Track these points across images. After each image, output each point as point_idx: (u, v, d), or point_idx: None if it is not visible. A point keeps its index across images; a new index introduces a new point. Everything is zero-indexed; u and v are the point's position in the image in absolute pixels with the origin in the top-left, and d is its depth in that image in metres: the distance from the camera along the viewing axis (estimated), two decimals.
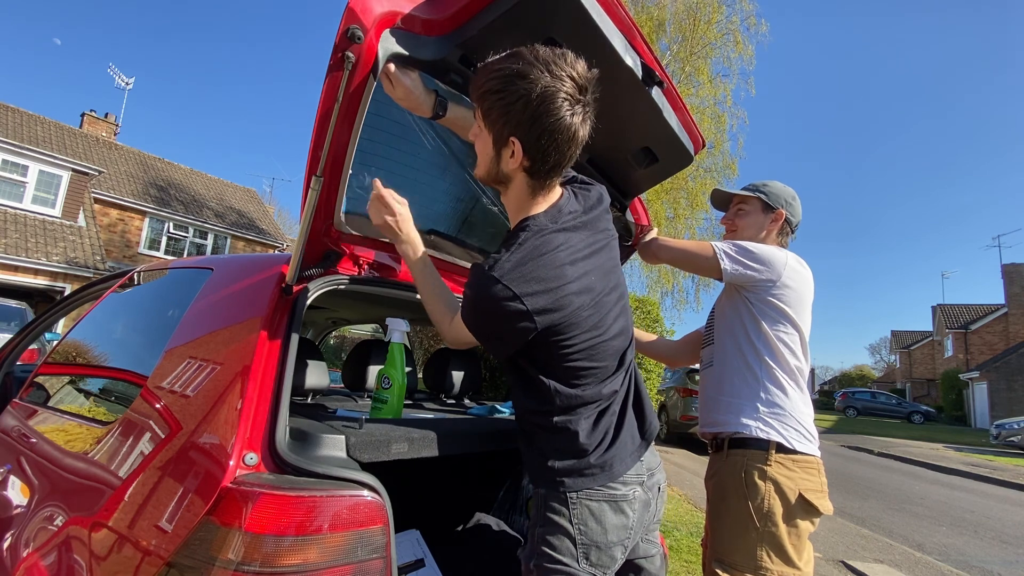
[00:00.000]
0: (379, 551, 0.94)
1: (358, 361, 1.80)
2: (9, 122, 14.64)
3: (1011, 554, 4.82)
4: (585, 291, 1.03)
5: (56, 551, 1.08)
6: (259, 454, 0.92)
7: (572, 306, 1.00)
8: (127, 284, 1.86)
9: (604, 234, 1.13)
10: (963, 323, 29.59)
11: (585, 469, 1.04)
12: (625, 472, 1.08)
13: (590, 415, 1.07)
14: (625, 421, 1.12)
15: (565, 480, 1.03)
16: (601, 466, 1.05)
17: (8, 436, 1.68)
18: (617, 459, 1.07)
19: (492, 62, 0.95)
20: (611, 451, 1.07)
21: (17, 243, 12.41)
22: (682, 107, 1.45)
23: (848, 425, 22.36)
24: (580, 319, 1.02)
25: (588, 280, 1.04)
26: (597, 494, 1.04)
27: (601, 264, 1.09)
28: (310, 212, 1.05)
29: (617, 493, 1.06)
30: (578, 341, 1.03)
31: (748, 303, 1.48)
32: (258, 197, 22.60)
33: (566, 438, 1.05)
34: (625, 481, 1.07)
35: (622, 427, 1.11)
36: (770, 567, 1.32)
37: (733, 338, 1.51)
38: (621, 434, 1.10)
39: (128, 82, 22.17)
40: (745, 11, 11.24)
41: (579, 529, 1.01)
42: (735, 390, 1.46)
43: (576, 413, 1.05)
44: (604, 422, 1.08)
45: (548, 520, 1.03)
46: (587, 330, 1.03)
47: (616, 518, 1.05)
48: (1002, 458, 12.87)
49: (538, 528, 1.04)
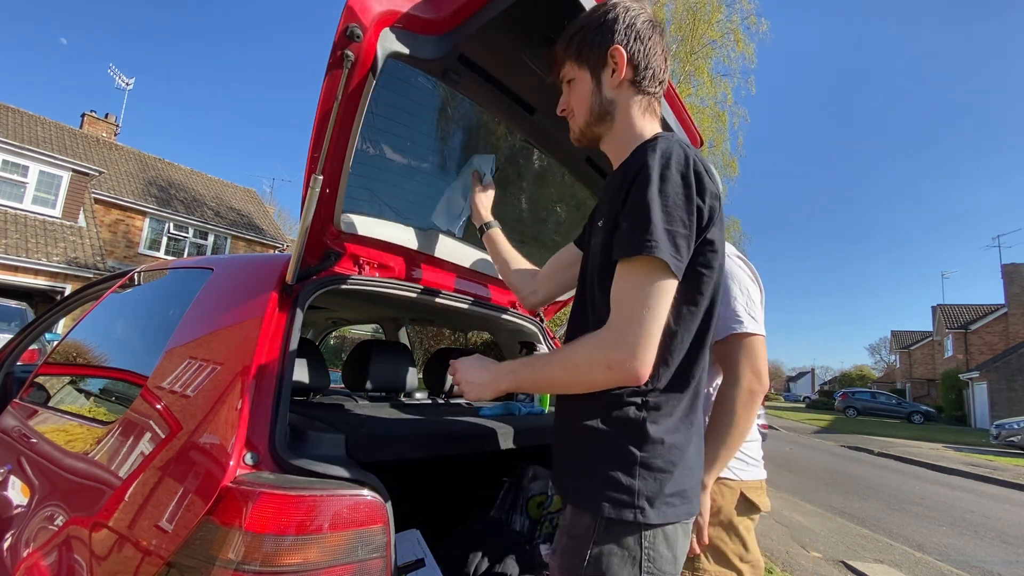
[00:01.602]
0: (379, 551, 0.94)
1: (358, 361, 1.80)
2: (9, 122, 14.64)
3: (1011, 554, 4.82)
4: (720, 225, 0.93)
5: (56, 551, 1.08)
6: (259, 454, 0.92)
7: (718, 215, 0.90)
8: (127, 284, 1.86)
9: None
10: (963, 323, 29.57)
11: (670, 495, 0.87)
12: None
13: (682, 410, 0.92)
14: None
15: (645, 508, 0.84)
16: (682, 493, 0.89)
17: (8, 436, 1.68)
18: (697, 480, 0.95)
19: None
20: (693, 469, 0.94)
21: (17, 243, 12.41)
22: (680, 105, 1.45)
23: (848, 425, 22.36)
24: (716, 256, 0.92)
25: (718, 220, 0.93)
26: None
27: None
28: (310, 211, 1.05)
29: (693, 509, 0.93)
30: (715, 267, 0.92)
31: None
32: (258, 197, 22.60)
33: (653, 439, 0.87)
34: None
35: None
36: (707, 568, 1.30)
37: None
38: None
39: (128, 83, 22.20)
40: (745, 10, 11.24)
41: (648, 555, 0.85)
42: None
43: (675, 400, 0.90)
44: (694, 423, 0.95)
45: (609, 537, 0.85)
46: (719, 263, 0.93)
47: (685, 542, 0.92)
48: (1002, 458, 12.86)
49: (592, 548, 0.85)
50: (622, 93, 1.01)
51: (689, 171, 0.86)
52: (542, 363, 0.95)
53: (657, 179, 0.84)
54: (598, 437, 0.90)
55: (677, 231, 0.83)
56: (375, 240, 1.39)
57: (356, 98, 1.01)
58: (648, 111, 1.04)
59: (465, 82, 1.29)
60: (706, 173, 0.89)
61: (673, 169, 0.85)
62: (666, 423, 0.89)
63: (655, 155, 0.85)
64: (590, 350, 0.85)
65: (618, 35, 0.98)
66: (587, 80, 1.02)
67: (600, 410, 0.90)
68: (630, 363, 0.80)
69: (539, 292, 1.34)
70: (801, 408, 40.23)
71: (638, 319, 0.81)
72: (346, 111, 1.01)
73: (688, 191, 0.85)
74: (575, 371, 0.87)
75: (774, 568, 3.79)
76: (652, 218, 0.82)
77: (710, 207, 0.88)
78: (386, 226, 1.43)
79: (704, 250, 0.90)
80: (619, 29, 0.98)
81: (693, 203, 0.85)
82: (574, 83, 1.04)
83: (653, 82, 1.01)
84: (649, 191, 0.83)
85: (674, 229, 0.83)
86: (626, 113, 1.02)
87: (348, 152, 1.09)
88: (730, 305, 1.32)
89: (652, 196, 0.83)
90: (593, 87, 1.02)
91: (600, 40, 0.99)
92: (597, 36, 0.99)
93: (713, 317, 0.95)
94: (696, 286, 0.90)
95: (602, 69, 1.00)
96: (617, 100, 1.01)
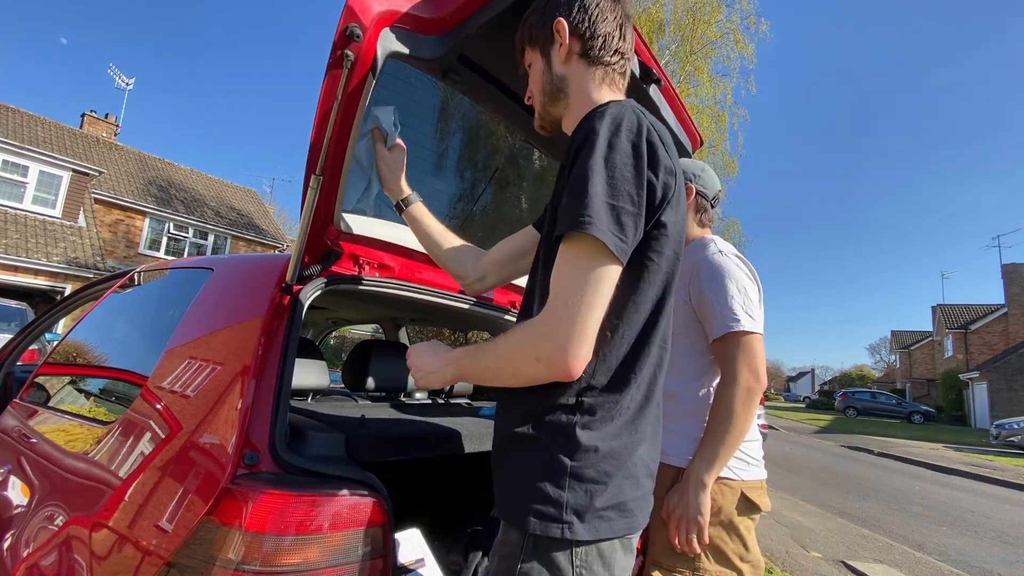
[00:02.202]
0: (379, 550, 0.94)
1: (358, 361, 1.81)
2: (9, 123, 14.63)
3: (1011, 554, 4.82)
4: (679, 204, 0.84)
5: (56, 551, 1.08)
6: (259, 454, 0.92)
7: (674, 195, 0.82)
8: (127, 284, 1.86)
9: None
10: (963, 323, 29.58)
11: (604, 509, 0.78)
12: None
13: (626, 415, 0.83)
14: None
15: (574, 523, 0.76)
16: (620, 506, 0.80)
17: (8, 436, 1.68)
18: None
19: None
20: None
21: (17, 243, 12.41)
22: (679, 105, 1.45)
23: (848, 425, 22.35)
24: (679, 220, 0.84)
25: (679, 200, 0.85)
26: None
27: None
28: (309, 211, 1.05)
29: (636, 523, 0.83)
30: (667, 255, 0.83)
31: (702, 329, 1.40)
32: (258, 197, 22.60)
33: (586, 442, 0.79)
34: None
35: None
36: (707, 567, 1.29)
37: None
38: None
39: (128, 83, 22.19)
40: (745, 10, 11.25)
41: (580, 575, 0.77)
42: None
43: (614, 403, 0.81)
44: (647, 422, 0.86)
45: (537, 555, 0.78)
46: (673, 251, 0.84)
47: (627, 559, 0.83)
48: (1002, 458, 12.86)
49: (520, 568, 0.77)
50: (572, 67, 0.96)
51: (641, 140, 0.77)
52: (481, 353, 0.87)
53: (603, 147, 0.76)
54: (526, 444, 0.81)
55: (623, 207, 0.75)
56: (375, 240, 1.39)
57: (356, 98, 1.01)
58: (606, 83, 0.96)
59: (465, 82, 1.29)
60: (663, 145, 0.81)
61: (623, 136, 0.77)
62: (603, 429, 0.79)
63: (603, 120, 0.78)
64: (520, 341, 0.78)
65: (561, 8, 0.94)
66: (539, 61, 0.99)
67: (529, 414, 0.82)
68: (559, 357, 0.73)
69: (488, 278, 1.20)
70: (801, 408, 40.23)
71: (571, 309, 0.73)
72: (346, 111, 1.01)
73: (638, 162, 0.76)
74: (506, 362, 0.81)
75: (774, 568, 3.79)
76: (591, 190, 0.73)
77: (664, 183, 0.79)
78: (386, 226, 1.42)
79: (655, 234, 0.81)
80: (562, 3, 0.94)
81: (643, 176, 0.76)
82: (532, 67, 1.02)
83: (606, 51, 0.94)
84: (592, 159, 0.75)
85: (619, 204, 0.74)
86: (579, 88, 0.96)
87: (348, 152, 1.09)
88: (727, 303, 1.31)
89: (595, 165, 0.74)
90: (544, 66, 0.98)
91: (545, 17, 0.96)
92: (543, 15, 0.97)
93: (664, 314, 0.86)
94: (642, 275, 0.81)
95: (551, 46, 0.96)
96: (568, 76, 0.96)
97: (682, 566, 1.30)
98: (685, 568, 1.30)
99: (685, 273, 1.46)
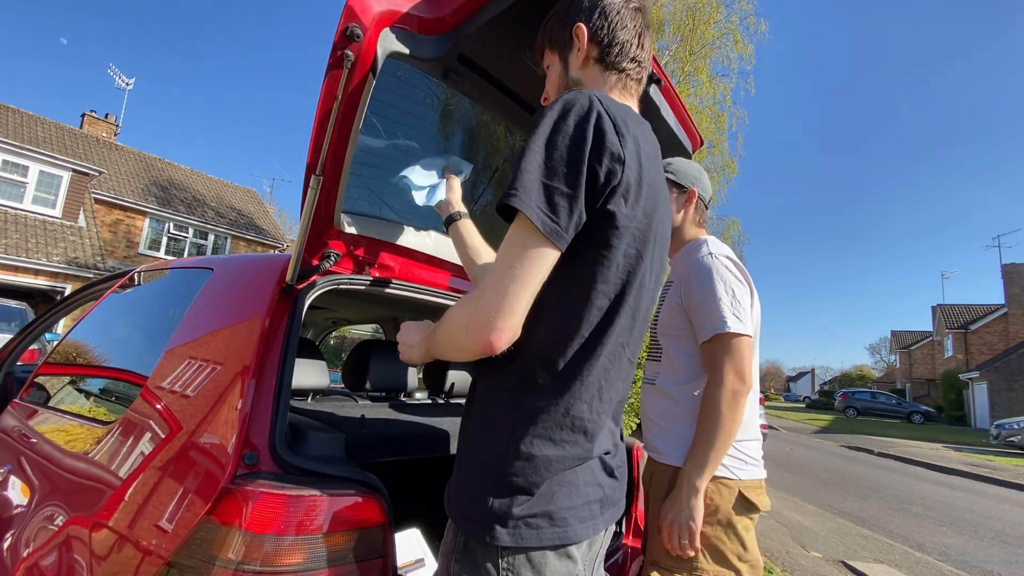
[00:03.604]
0: (379, 550, 0.94)
1: (358, 361, 1.81)
2: (9, 123, 14.64)
3: (1011, 554, 4.82)
4: (647, 186, 0.82)
5: (56, 551, 1.08)
6: (259, 454, 0.92)
7: (636, 180, 0.79)
8: (127, 284, 1.86)
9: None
10: (963, 323, 29.58)
11: (530, 517, 0.76)
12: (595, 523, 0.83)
13: (572, 421, 0.81)
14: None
15: (496, 529, 0.75)
16: (550, 515, 0.77)
17: (8, 436, 1.68)
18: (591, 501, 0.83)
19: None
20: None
21: (17, 243, 12.41)
22: (680, 105, 1.45)
23: (848, 425, 22.36)
24: (639, 217, 0.81)
25: (651, 180, 0.84)
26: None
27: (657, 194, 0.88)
28: (309, 211, 1.05)
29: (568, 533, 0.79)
30: (623, 250, 0.80)
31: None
32: (258, 197, 22.60)
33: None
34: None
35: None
36: (705, 567, 1.28)
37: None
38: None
39: (128, 83, 22.19)
40: (744, 11, 11.25)
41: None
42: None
43: (558, 407, 0.79)
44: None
45: (467, 556, 0.78)
46: (635, 248, 0.82)
47: (563, 567, 0.79)
48: (1002, 458, 12.86)
49: (452, 568, 0.79)
50: (588, 72, 0.97)
51: (588, 124, 0.75)
52: (438, 325, 0.87)
53: (548, 128, 0.76)
54: (470, 441, 0.84)
55: (556, 187, 0.73)
56: (375, 240, 1.39)
57: (356, 98, 1.01)
58: (619, 88, 0.97)
59: (465, 82, 1.29)
60: (616, 134, 0.77)
61: (570, 120, 0.76)
62: (541, 434, 0.78)
63: (556, 104, 0.78)
64: (457, 311, 0.79)
65: (582, 13, 0.95)
66: (557, 64, 1.00)
67: (475, 410, 0.84)
68: (481, 327, 0.73)
69: None
70: (801, 408, 40.25)
71: (498, 282, 0.73)
72: (346, 111, 1.01)
73: (580, 145, 0.74)
74: (448, 331, 0.81)
75: (774, 568, 3.79)
76: (526, 167, 0.73)
77: (609, 170, 0.76)
78: (386, 226, 1.42)
79: (602, 225, 0.78)
80: (584, 8, 0.95)
81: (583, 159, 0.74)
82: (549, 70, 1.02)
83: (623, 58, 0.95)
84: (534, 140, 0.75)
85: (552, 184, 0.73)
86: (596, 87, 0.97)
87: (348, 152, 1.09)
88: (714, 306, 1.31)
89: (535, 145, 0.75)
90: (561, 70, 0.99)
91: (566, 21, 0.97)
92: (564, 18, 0.97)
93: (621, 315, 0.82)
94: (594, 271, 0.79)
95: (569, 50, 0.97)
96: (583, 80, 0.97)
97: (680, 566, 1.30)
98: (683, 568, 1.30)
99: (679, 275, 1.46)
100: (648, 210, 0.83)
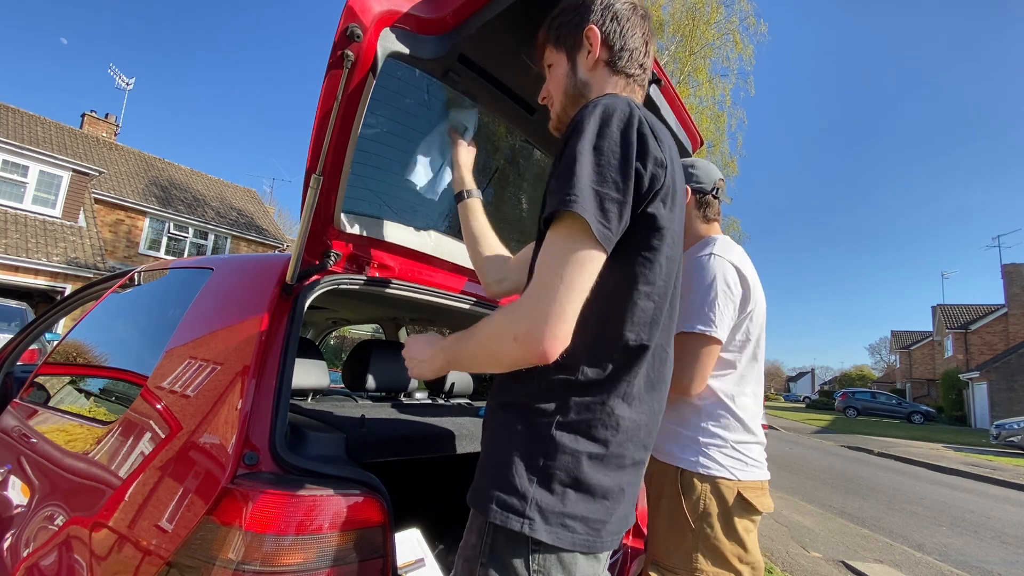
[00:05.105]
0: (379, 550, 0.94)
1: (358, 361, 1.81)
2: (9, 123, 14.64)
3: (1011, 554, 4.82)
4: (680, 188, 0.87)
5: (56, 551, 1.08)
6: (259, 454, 0.92)
7: (672, 183, 0.83)
8: (127, 284, 1.86)
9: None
10: (963, 323, 29.57)
11: (571, 518, 0.76)
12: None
13: (614, 427, 0.80)
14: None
15: (536, 521, 0.75)
16: (587, 521, 0.78)
17: (8, 436, 1.68)
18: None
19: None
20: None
21: (17, 243, 12.41)
22: (680, 106, 1.45)
23: (848, 425, 22.36)
24: (676, 218, 0.85)
25: (680, 181, 0.89)
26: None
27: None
28: (309, 211, 1.05)
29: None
30: (665, 253, 0.83)
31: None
32: (258, 197, 22.60)
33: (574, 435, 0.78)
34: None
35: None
36: (705, 568, 1.28)
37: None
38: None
39: (128, 83, 22.20)
40: (744, 11, 11.24)
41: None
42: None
43: (601, 408, 0.79)
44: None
45: (495, 557, 0.77)
46: (676, 252, 0.86)
47: (591, 570, 0.80)
48: (1002, 458, 12.86)
49: (478, 570, 0.78)
50: (597, 75, 0.97)
51: (631, 130, 0.77)
52: (466, 337, 0.85)
53: (592, 134, 0.76)
54: (506, 435, 0.82)
55: (607, 193, 0.74)
56: (375, 240, 1.39)
57: (356, 98, 1.01)
58: (626, 92, 0.98)
59: (465, 82, 1.29)
60: (655, 139, 0.80)
61: (614, 126, 0.77)
62: (585, 435, 0.78)
63: (596, 109, 0.79)
64: (500, 322, 0.78)
65: (594, 15, 0.95)
66: (563, 63, 0.99)
67: (512, 405, 0.83)
68: (536, 337, 0.71)
69: (506, 281, 1.20)
70: (801, 408, 40.23)
71: (550, 289, 0.73)
72: (346, 111, 1.01)
73: (626, 151, 0.76)
74: (487, 343, 0.80)
75: (774, 568, 3.79)
76: (578, 171, 0.74)
77: (652, 174, 0.78)
78: (386, 226, 1.43)
79: (646, 226, 0.80)
80: (596, 10, 0.95)
81: (631, 165, 0.76)
82: (552, 68, 1.02)
83: (631, 64, 0.97)
84: (581, 144, 0.76)
85: (603, 191, 0.74)
86: (600, 95, 0.95)
87: (348, 152, 1.09)
88: (692, 304, 1.32)
89: (583, 149, 0.75)
90: (568, 70, 0.99)
91: (577, 21, 0.96)
92: (574, 17, 0.97)
93: (663, 313, 0.84)
94: (637, 274, 0.81)
95: (578, 51, 0.97)
96: (591, 82, 0.97)
97: (680, 567, 1.30)
98: (683, 569, 1.30)
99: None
100: (679, 211, 0.87)
